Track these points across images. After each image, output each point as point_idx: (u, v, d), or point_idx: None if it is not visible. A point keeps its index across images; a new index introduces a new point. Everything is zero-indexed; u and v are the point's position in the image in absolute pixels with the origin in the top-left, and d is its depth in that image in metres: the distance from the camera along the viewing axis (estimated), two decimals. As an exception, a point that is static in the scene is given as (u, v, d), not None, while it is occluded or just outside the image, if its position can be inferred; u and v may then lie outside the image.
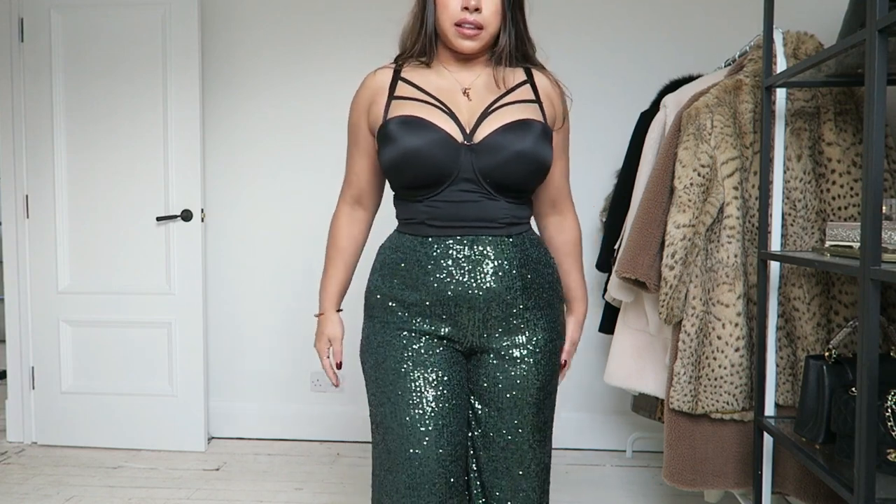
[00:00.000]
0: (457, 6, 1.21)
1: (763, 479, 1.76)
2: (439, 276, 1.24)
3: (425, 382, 1.24)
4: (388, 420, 1.25)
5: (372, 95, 1.30)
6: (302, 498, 2.44)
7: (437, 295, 1.24)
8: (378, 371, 1.28)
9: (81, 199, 2.90)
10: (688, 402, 1.82)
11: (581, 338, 1.45)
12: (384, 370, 1.27)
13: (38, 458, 2.81)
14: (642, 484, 2.57)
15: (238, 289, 3.04)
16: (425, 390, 1.24)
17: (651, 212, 1.87)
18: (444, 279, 1.24)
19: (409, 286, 1.26)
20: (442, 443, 1.23)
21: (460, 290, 1.23)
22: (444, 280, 1.24)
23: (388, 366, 1.26)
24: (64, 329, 2.93)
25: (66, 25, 2.85)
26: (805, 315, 1.76)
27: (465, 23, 1.21)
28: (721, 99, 1.81)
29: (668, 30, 2.79)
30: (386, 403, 1.26)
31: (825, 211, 1.78)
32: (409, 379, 1.24)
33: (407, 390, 1.24)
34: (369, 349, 1.31)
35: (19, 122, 2.91)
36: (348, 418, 3.00)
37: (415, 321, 1.26)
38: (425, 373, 1.24)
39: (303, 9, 2.95)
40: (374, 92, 1.30)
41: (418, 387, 1.24)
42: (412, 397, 1.23)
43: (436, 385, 1.24)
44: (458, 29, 1.22)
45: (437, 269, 1.24)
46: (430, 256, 1.24)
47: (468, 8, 1.21)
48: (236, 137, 3.01)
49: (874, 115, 1.20)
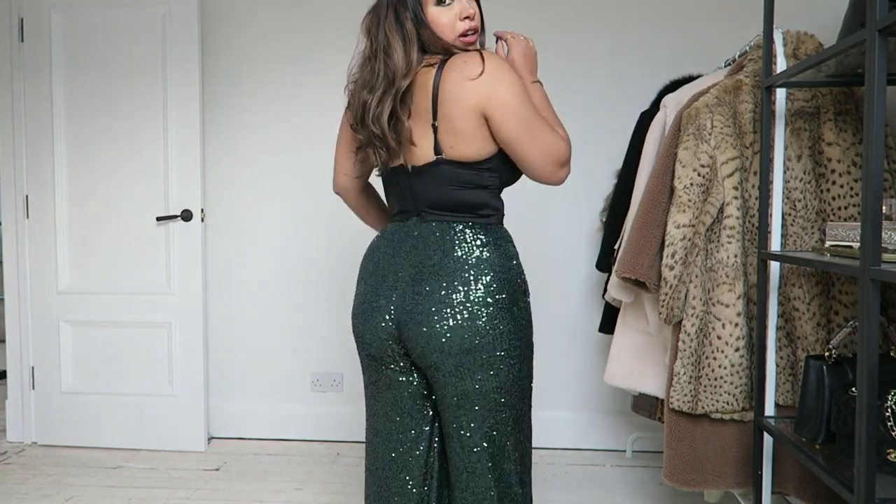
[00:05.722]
0: (455, 20, 1.34)
1: (763, 479, 1.76)
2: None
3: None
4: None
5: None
6: (302, 498, 2.44)
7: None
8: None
9: (81, 198, 2.90)
10: (688, 402, 1.82)
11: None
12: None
13: (38, 458, 2.81)
14: (642, 484, 2.57)
15: (238, 289, 3.04)
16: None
17: (651, 212, 1.87)
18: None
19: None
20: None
21: None
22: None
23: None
24: (64, 329, 2.93)
25: (66, 25, 2.85)
26: (805, 315, 1.76)
27: (468, 30, 1.36)
28: (721, 99, 1.81)
29: (668, 30, 2.80)
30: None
31: (825, 211, 1.78)
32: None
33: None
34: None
35: (19, 122, 2.91)
36: (348, 418, 3.00)
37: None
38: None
39: (302, 8, 2.95)
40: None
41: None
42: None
43: None
44: (464, 38, 1.36)
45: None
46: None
47: (469, 17, 1.35)
48: (236, 137, 3.01)
49: (874, 115, 1.19)
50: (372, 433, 1.49)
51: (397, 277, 1.36)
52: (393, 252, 1.39)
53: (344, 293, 2.99)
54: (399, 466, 1.44)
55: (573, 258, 2.89)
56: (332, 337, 3.00)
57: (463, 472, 1.37)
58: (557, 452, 2.87)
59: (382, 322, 1.36)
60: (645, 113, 2.34)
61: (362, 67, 1.37)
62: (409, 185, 1.38)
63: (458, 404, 1.34)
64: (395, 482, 1.45)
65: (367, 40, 1.37)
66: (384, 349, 1.38)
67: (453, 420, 1.36)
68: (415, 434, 1.43)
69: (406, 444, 1.43)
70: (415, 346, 1.33)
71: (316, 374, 3.03)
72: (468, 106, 1.27)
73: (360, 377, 3.08)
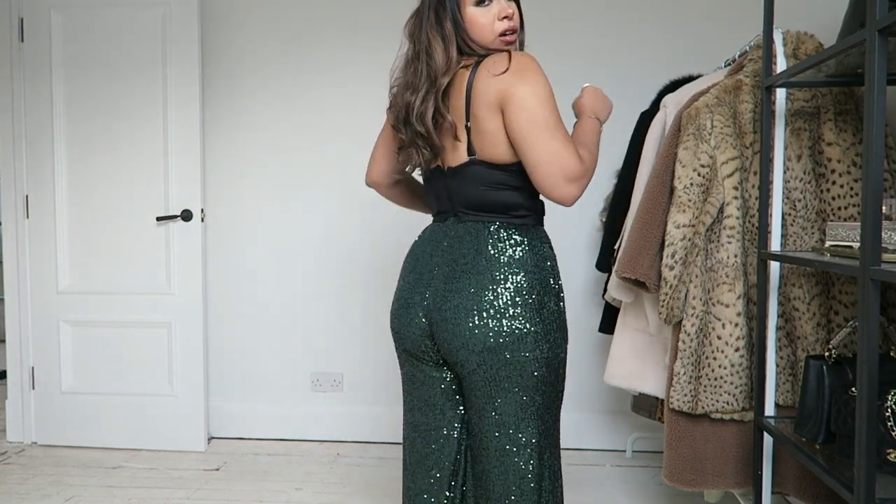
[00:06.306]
0: (493, 21, 1.35)
1: (763, 479, 1.76)
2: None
3: None
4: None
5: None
6: (302, 498, 2.44)
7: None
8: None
9: (81, 198, 2.90)
10: (688, 402, 1.82)
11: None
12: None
13: (38, 458, 2.81)
14: (642, 484, 2.57)
15: (238, 289, 3.04)
16: None
17: (651, 212, 1.87)
18: None
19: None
20: None
21: None
22: None
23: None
24: (64, 329, 2.93)
25: (66, 25, 2.85)
26: (805, 315, 1.76)
27: (507, 30, 1.37)
28: (721, 99, 1.81)
29: (668, 30, 2.80)
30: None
31: (825, 211, 1.78)
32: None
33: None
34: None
35: (19, 122, 2.91)
36: (348, 418, 3.00)
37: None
38: None
39: (302, 8, 2.95)
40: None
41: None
42: None
43: None
44: (503, 38, 1.37)
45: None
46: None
47: (508, 17, 1.36)
48: (236, 137, 3.01)
49: (874, 115, 1.19)
50: (409, 427, 1.51)
51: (432, 275, 1.39)
52: (431, 251, 1.42)
53: (344, 293, 2.99)
54: (431, 462, 1.46)
55: (573, 258, 2.89)
56: (332, 337, 3.00)
57: (484, 471, 1.38)
58: (557, 452, 2.87)
59: (416, 319, 1.40)
60: (645, 113, 2.34)
61: (405, 69, 1.40)
62: (446, 186, 1.40)
63: (482, 404, 1.35)
64: (425, 477, 1.46)
65: (409, 43, 1.39)
66: (418, 345, 1.41)
67: (477, 419, 1.37)
68: (446, 431, 1.45)
69: (439, 440, 1.45)
70: (443, 342, 1.35)
71: (316, 374, 3.03)
72: (489, 103, 1.28)
73: (360, 377, 3.09)
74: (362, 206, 2.91)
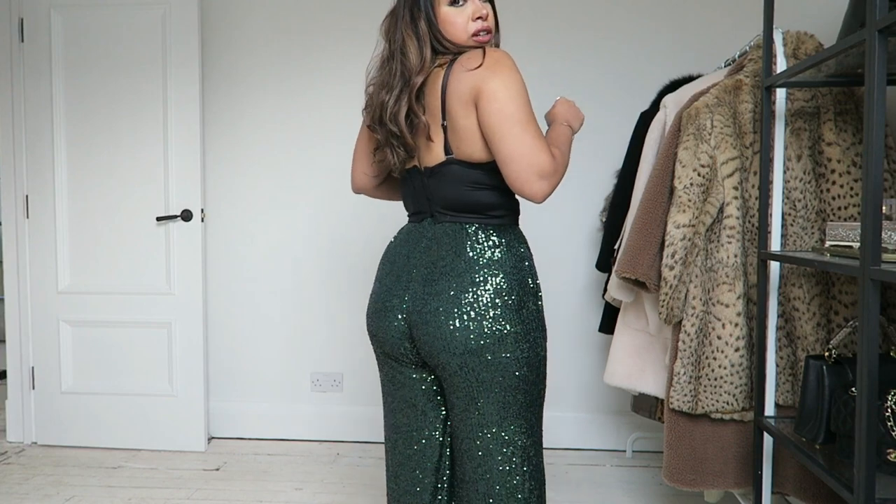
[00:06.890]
0: (468, 21, 1.35)
1: (763, 479, 1.76)
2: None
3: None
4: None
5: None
6: (302, 498, 2.44)
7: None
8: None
9: (81, 199, 2.90)
10: (688, 402, 1.82)
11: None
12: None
13: (38, 458, 2.81)
14: (642, 484, 2.57)
15: (238, 289, 3.05)
16: None
17: (651, 212, 1.87)
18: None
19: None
20: None
21: None
22: None
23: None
24: (64, 329, 2.93)
25: (66, 25, 2.85)
26: (805, 315, 1.76)
27: (481, 31, 1.36)
28: (721, 99, 1.81)
29: (668, 30, 2.80)
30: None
31: (825, 211, 1.78)
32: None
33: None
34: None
35: (19, 122, 2.91)
36: (348, 418, 3.00)
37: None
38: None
39: (302, 9, 2.95)
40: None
41: None
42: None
43: None
44: (476, 38, 1.36)
45: None
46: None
47: (482, 17, 1.36)
48: (236, 137, 3.01)
49: (874, 115, 1.19)
50: (391, 430, 1.51)
51: (410, 277, 1.38)
52: (408, 252, 1.41)
53: (344, 293, 2.99)
54: (414, 463, 1.45)
55: (573, 258, 2.89)
56: (332, 337, 3.00)
57: (467, 472, 1.37)
58: (557, 452, 2.87)
59: (395, 321, 1.38)
60: (645, 113, 2.34)
61: (380, 69, 1.40)
62: (423, 186, 1.39)
63: (465, 405, 1.35)
64: (408, 479, 1.46)
65: (385, 42, 1.39)
66: (398, 347, 1.40)
67: (459, 420, 1.37)
68: (428, 432, 1.44)
69: (421, 441, 1.45)
70: (423, 345, 1.35)
71: (316, 374, 3.03)
72: (463, 98, 1.28)
73: (360, 377, 3.09)
74: (362, 206, 2.90)
